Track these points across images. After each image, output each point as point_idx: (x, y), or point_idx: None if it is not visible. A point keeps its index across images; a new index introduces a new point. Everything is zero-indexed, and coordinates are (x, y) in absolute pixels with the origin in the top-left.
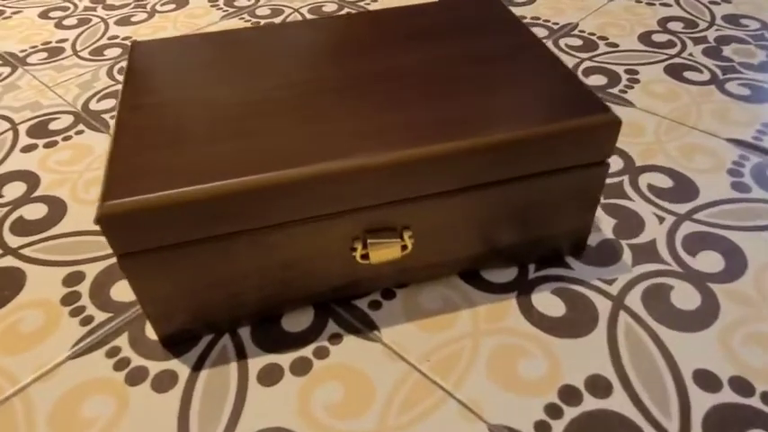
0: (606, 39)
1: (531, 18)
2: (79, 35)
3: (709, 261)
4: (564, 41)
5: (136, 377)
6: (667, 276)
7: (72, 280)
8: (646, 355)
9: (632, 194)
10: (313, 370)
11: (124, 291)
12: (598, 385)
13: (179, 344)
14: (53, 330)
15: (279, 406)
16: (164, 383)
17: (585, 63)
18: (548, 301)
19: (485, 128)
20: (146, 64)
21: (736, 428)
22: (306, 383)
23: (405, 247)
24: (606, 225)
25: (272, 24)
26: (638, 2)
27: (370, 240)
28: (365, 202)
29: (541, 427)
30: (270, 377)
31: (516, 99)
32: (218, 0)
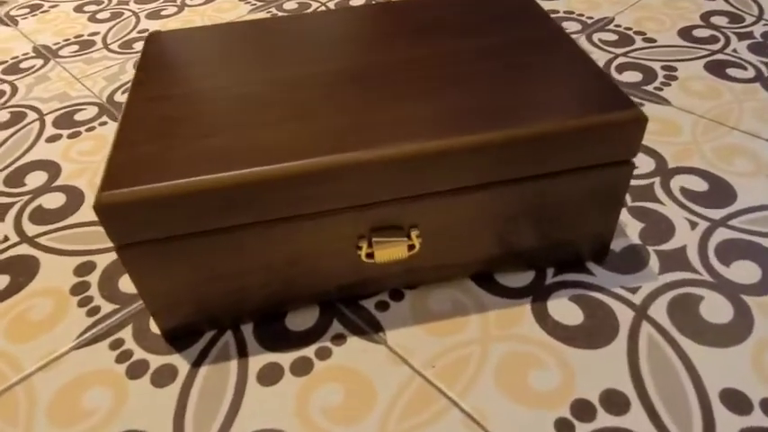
0: (643, 34)
1: (564, 12)
2: (110, 29)
3: (745, 271)
4: (597, 36)
5: (136, 370)
6: (697, 286)
7: (83, 270)
8: (669, 370)
9: (663, 197)
10: (314, 371)
11: (131, 283)
12: (614, 401)
13: (182, 338)
14: (60, 319)
15: (276, 407)
16: (163, 378)
17: (620, 59)
18: (564, 309)
19: (500, 122)
20: (160, 55)
21: None
22: (305, 385)
23: (412, 247)
24: (632, 229)
25: (290, 15)
26: None
27: (375, 239)
28: (371, 198)
29: None
30: (269, 376)
31: (536, 93)
32: None
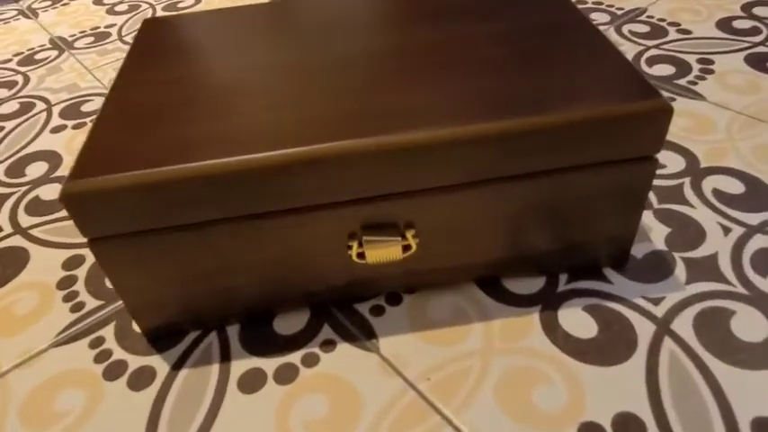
0: (678, 25)
1: (593, 2)
2: (127, 20)
3: None
4: (628, 27)
5: (114, 371)
6: (728, 299)
7: (71, 263)
8: (692, 393)
9: (693, 200)
10: (298, 379)
11: None
12: (629, 426)
13: (164, 338)
14: (44, 314)
15: (255, 417)
16: (140, 381)
17: (651, 51)
18: (577, 320)
19: (509, 111)
20: (152, 41)
21: None
22: (288, 394)
23: (408, 248)
24: (658, 234)
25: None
26: None
27: (365, 238)
28: (363, 192)
29: None
30: (251, 383)
31: (551, 81)
32: None
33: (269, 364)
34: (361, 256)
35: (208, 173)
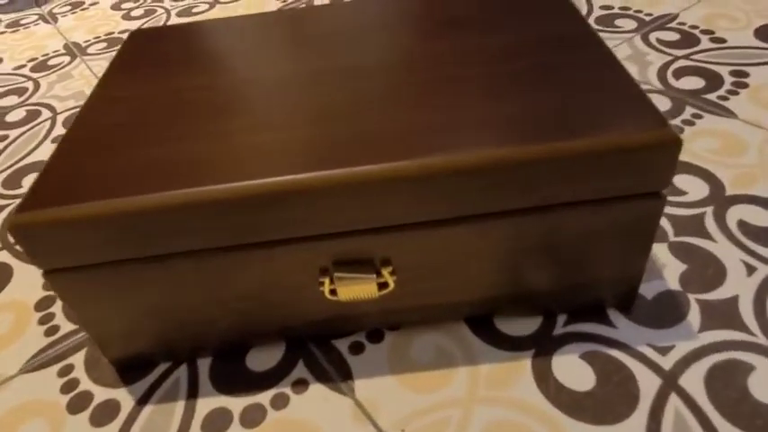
0: (711, 33)
1: (620, 8)
2: (141, 26)
3: None
4: (655, 36)
5: (79, 404)
6: (748, 351)
7: None
8: None
9: (715, 233)
10: (264, 423)
11: None
12: None
13: (134, 369)
14: (18, 337)
15: None
16: (103, 416)
17: (679, 62)
18: (573, 368)
19: (493, 139)
20: (135, 55)
21: None
22: None
23: (384, 285)
24: (672, 271)
25: (292, 9)
26: None
27: (337, 274)
28: (334, 227)
29: None
30: (215, 425)
31: (544, 106)
32: None
33: (237, 403)
34: (334, 292)
35: (168, 204)
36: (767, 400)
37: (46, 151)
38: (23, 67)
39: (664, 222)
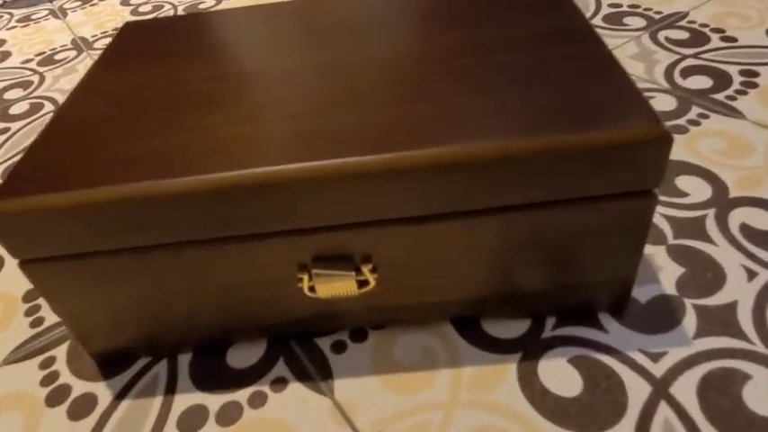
0: (722, 31)
1: (629, 6)
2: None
3: None
4: (664, 34)
5: (57, 397)
6: (744, 359)
7: None
8: None
9: (716, 236)
10: (240, 421)
11: None
12: None
13: (114, 363)
14: (4, 329)
15: None
16: (81, 409)
17: (687, 61)
18: (560, 373)
19: (479, 133)
20: (126, 47)
21: None
22: None
23: (365, 283)
24: (669, 275)
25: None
26: None
27: (315, 271)
28: (313, 221)
29: None
30: (191, 422)
31: (532, 99)
32: None
33: (214, 400)
34: (313, 289)
35: (145, 195)
36: (762, 411)
37: None
38: (31, 61)
39: (663, 224)
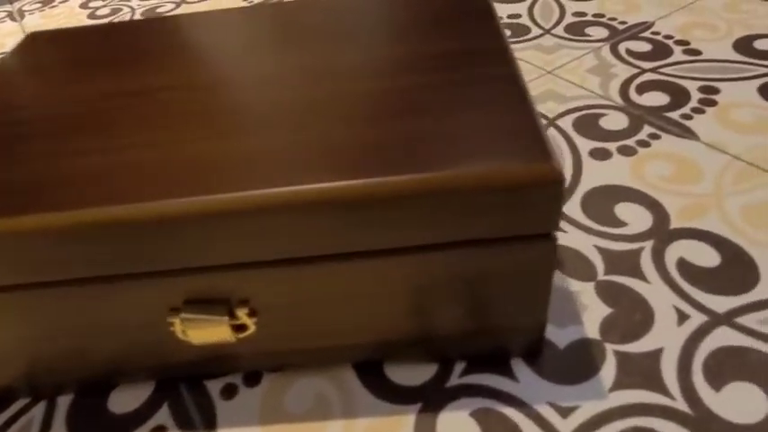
0: (686, 44)
1: (593, 15)
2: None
3: (743, 402)
4: (625, 46)
5: None
6: (663, 418)
7: None
8: None
9: (650, 272)
10: None
11: None
12: None
13: None
14: None
15: None
16: None
17: (645, 75)
18: (459, 427)
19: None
20: (21, 60)
21: None
22: None
23: (242, 328)
24: (594, 315)
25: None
26: None
27: (183, 315)
28: (182, 262)
29: None
30: None
31: (413, 129)
32: None
33: None
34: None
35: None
36: None
37: None
38: None
39: (595, 257)
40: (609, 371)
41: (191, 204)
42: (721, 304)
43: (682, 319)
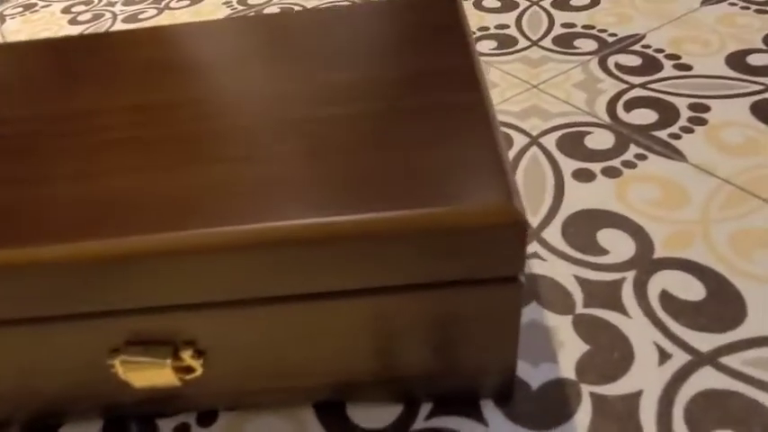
0: (677, 58)
1: (583, 27)
2: (84, 31)
3: None
4: (614, 59)
5: None
6: None
7: None
8: None
9: (631, 305)
10: None
11: None
12: None
13: None
14: None
15: None
16: None
17: (634, 91)
18: None
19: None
20: None
21: None
22: None
23: (188, 370)
24: (570, 353)
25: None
26: (744, 8)
27: (123, 358)
28: (123, 302)
29: None
30: None
31: (363, 164)
32: None
33: None
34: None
35: None
36: None
37: None
38: None
39: (574, 288)
40: (584, 415)
41: (130, 244)
42: (705, 342)
43: (663, 358)
